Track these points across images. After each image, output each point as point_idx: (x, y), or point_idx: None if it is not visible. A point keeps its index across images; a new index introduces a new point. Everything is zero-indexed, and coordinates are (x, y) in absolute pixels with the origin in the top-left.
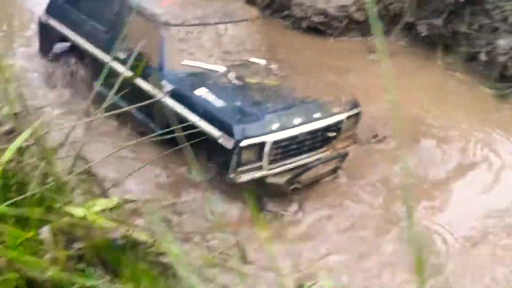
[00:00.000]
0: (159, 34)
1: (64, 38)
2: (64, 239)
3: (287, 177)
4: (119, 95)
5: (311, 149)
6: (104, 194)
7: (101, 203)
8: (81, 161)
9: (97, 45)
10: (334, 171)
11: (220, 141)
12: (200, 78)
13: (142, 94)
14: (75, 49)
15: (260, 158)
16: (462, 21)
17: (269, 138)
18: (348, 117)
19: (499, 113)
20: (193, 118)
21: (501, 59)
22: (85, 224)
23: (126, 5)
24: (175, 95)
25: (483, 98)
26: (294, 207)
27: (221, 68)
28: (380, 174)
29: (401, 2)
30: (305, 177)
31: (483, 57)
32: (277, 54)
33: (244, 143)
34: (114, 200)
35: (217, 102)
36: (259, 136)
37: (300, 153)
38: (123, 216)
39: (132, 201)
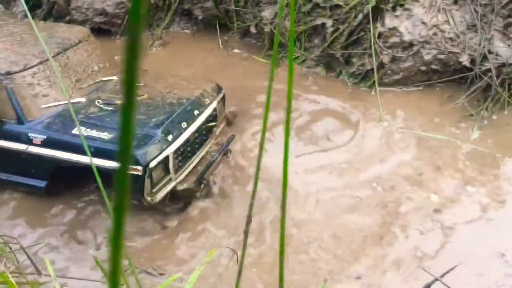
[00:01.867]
0: (4, 87)
1: None
2: None
3: (193, 179)
4: None
5: (201, 144)
6: None
7: None
8: None
9: None
10: (225, 154)
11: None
12: (68, 117)
13: (5, 155)
14: None
15: (167, 171)
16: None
17: (170, 150)
18: (218, 102)
19: (276, 76)
20: (83, 159)
21: (267, 29)
22: None
23: None
24: (51, 143)
25: (260, 67)
26: None
27: (81, 99)
28: None
29: None
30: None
31: (253, 29)
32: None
33: (152, 164)
34: None
35: (102, 135)
36: (161, 152)
37: (194, 152)
38: None
39: None
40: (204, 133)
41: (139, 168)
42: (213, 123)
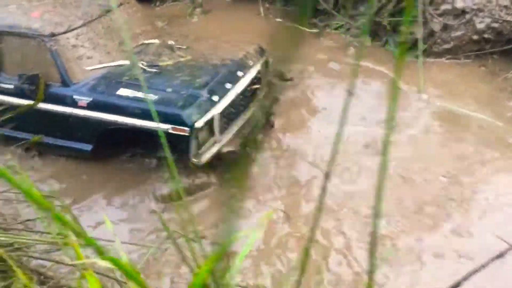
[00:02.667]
0: (49, 49)
1: None
2: None
3: (238, 142)
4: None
5: (245, 106)
6: None
7: None
8: None
9: None
10: (269, 118)
11: (172, 132)
12: (113, 79)
13: (51, 118)
14: None
15: (213, 133)
16: None
17: (216, 111)
18: (262, 65)
19: (319, 45)
20: (130, 121)
21: None
22: None
23: None
24: (96, 105)
25: (304, 37)
26: None
27: (124, 61)
28: None
29: None
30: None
31: None
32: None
33: (198, 125)
34: None
35: (148, 96)
36: (207, 112)
37: (238, 115)
38: None
39: None
40: (248, 95)
41: (186, 128)
42: (257, 86)
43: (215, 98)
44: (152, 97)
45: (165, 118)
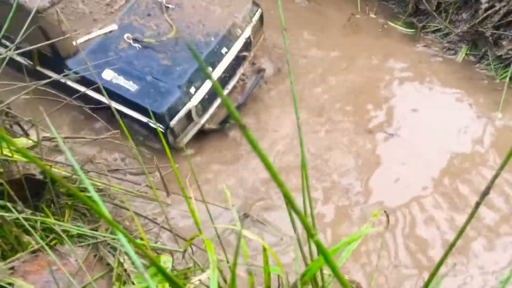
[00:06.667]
0: (37, 23)
1: None
2: None
3: (218, 120)
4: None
5: (230, 78)
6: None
7: (20, 142)
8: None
9: None
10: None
11: (151, 125)
12: (101, 54)
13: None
14: None
15: (190, 119)
16: None
17: (193, 104)
18: (253, 27)
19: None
20: (115, 105)
21: None
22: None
23: None
24: (86, 83)
25: (398, 38)
26: None
27: (113, 26)
28: None
29: None
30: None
31: None
32: None
33: (173, 123)
34: (33, 138)
35: (129, 85)
36: (184, 107)
37: (222, 88)
38: (42, 154)
39: (51, 139)
40: (234, 65)
41: (162, 126)
42: (245, 54)
43: (192, 90)
44: (132, 86)
45: (144, 112)
